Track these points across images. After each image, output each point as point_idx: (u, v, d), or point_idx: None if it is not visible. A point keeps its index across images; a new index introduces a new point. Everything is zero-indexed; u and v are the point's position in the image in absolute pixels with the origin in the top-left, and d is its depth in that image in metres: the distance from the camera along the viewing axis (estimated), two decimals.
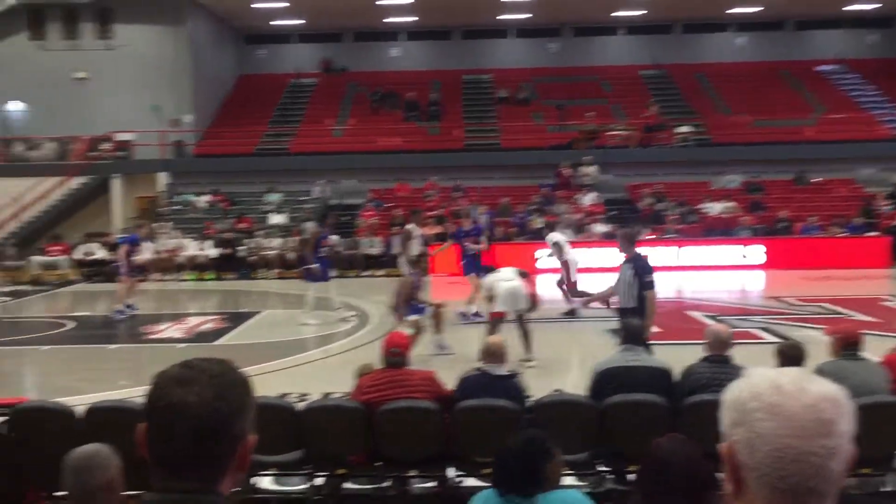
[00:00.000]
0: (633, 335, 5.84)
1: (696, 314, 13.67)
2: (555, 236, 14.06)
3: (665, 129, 26.79)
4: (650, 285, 7.56)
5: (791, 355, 5.35)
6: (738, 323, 12.12)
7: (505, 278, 10.05)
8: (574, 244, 20.36)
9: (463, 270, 13.76)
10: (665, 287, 17.89)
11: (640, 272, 7.59)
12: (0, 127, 27.20)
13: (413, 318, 10.13)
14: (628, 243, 7.95)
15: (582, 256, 13.98)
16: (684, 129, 26.49)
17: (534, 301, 10.14)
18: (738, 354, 5.69)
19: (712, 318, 12.53)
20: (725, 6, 29.88)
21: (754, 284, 18.67)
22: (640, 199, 23.84)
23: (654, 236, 21.20)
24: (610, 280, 8.27)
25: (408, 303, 10.23)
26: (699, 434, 3.14)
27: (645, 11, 30.52)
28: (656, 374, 5.60)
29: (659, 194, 23.70)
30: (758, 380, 1.30)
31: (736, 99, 29.37)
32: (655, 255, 20.06)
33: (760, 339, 11.19)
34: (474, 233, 14.02)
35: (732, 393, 1.32)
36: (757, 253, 20.40)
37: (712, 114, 28.68)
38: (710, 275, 19.46)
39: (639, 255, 7.89)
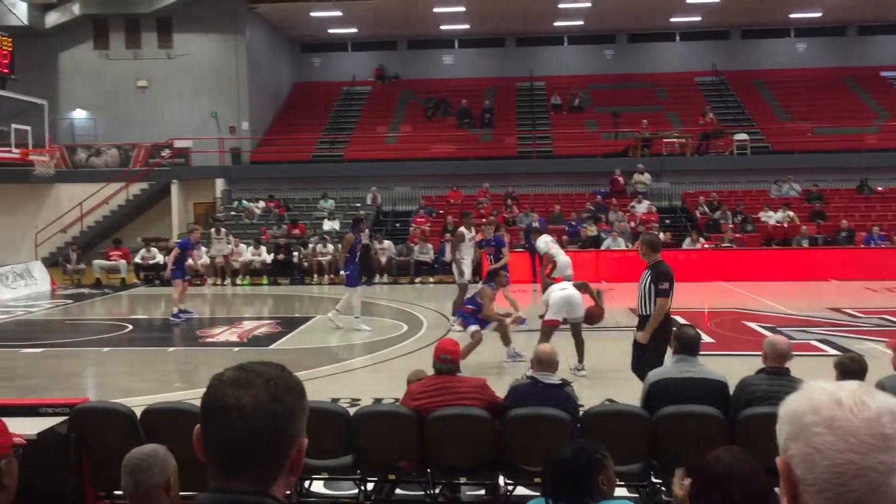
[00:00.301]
0: (687, 345, 5.70)
1: (754, 325, 13.40)
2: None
3: (722, 136, 26.39)
4: (663, 293, 7.45)
5: (851, 368, 5.20)
6: (797, 335, 11.85)
7: (560, 287, 10.02)
8: (627, 253, 20.31)
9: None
10: (721, 298, 17.63)
11: (656, 279, 7.49)
12: (65, 134, 28.03)
13: (474, 328, 10.15)
14: (650, 250, 7.81)
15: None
16: (742, 136, 26.06)
17: (595, 314, 10.05)
18: (796, 367, 5.56)
19: (770, 329, 12.27)
20: (786, 11, 29.35)
21: (814, 295, 18.24)
22: (696, 208, 23.50)
23: (710, 245, 20.89)
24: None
25: (473, 314, 10.26)
26: (755, 448, 3.07)
27: (700, 18, 30.16)
28: (711, 386, 5.46)
29: (715, 202, 23.34)
30: (816, 393, 1.27)
31: (796, 106, 28.81)
32: (712, 264, 19.86)
33: (820, 351, 10.93)
34: (493, 244, 14.33)
35: (789, 406, 1.29)
36: (817, 263, 19.92)
37: (771, 121, 28.16)
38: (767, 285, 19.07)
39: (660, 262, 7.74)
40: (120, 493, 4.21)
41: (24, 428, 5.18)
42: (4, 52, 15.80)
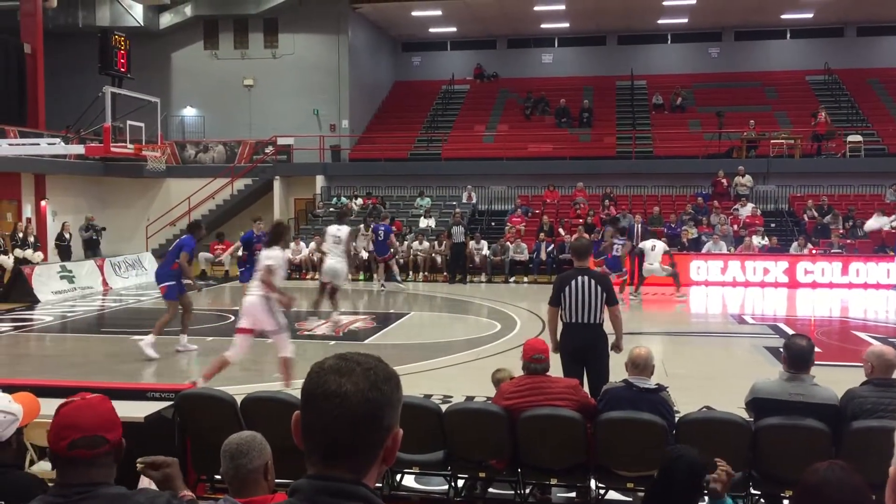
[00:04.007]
0: (796, 358, 5.19)
1: (863, 335, 12.81)
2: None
3: (834, 137, 25.30)
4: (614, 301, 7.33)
5: None
6: None
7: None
8: (729, 256, 19.75)
9: None
10: (829, 305, 16.94)
11: (606, 287, 7.24)
12: (176, 131, 29.20)
13: None
14: (580, 257, 7.49)
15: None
16: (855, 137, 24.91)
17: None
18: None
19: (881, 340, 11.70)
20: None
21: None
22: (804, 212, 22.62)
23: (818, 251, 20.12)
24: None
25: None
26: (862, 462, 2.94)
27: (812, 15, 29.02)
28: (821, 410, 5.04)
29: (825, 206, 22.40)
30: None
31: None
32: (819, 270, 19.09)
33: None
34: None
35: None
36: None
37: (887, 122, 26.83)
38: (880, 294, 18.22)
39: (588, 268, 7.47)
40: (219, 476, 4.35)
41: (133, 411, 5.42)
42: (122, 52, 16.54)
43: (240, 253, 15.96)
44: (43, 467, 4.79)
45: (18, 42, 23.94)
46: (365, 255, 20.78)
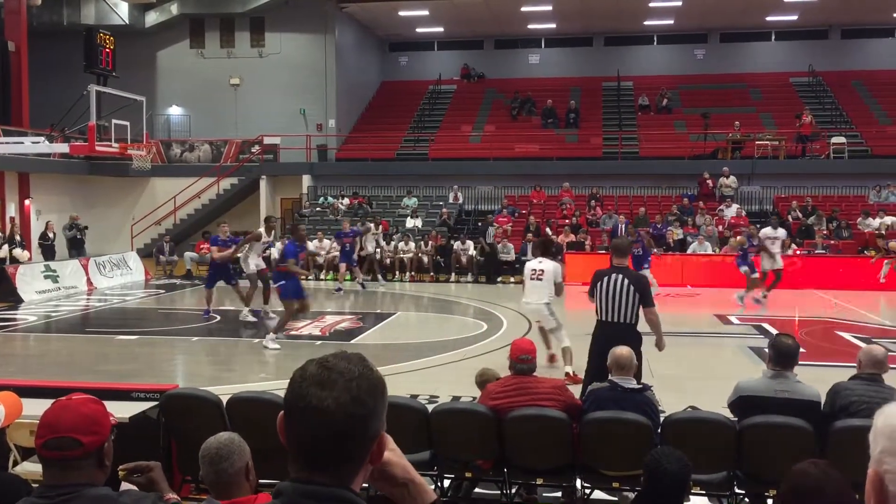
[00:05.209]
0: (783, 356, 5.25)
1: (847, 335, 12.90)
2: None
3: (818, 139, 25.47)
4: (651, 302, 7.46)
5: None
6: (894, 347, 11.33)
7: None
8: (714, 257, 19.82)
9: None
10: (813, 306, 17.04)
11: (640, 287, 7.25)
12: (161, 129, 29.05)
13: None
14: (619, 255, 7.49)
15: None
16: (839, 139, 25.09)
17: None
18: (892, 381, 5.33)
19: (864, 340, 11.78)
20: (890, 10, 28.11)
21: None
22: (788, 213, 22.76)
23: (802, 251, 20.23)
24: None
25: None
26: (846, 461, 2.96)
27: (797, 17, 29.19)
28: (805, 407, 5.12)
29: (809, 207, 22.55)
30: None
31: None
32: (804, 270, 19.18)
33: None
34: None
35: (888, 419, 1.23)
36: None
37: (871, 124, 27.04)
38: (864, 294, 18.33)
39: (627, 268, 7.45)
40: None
41: (118, 411, 5.36)
42: (107, 51, 16.45)
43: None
44: (27, 468, 4.75)
45: (2, 40, 23.76)
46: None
